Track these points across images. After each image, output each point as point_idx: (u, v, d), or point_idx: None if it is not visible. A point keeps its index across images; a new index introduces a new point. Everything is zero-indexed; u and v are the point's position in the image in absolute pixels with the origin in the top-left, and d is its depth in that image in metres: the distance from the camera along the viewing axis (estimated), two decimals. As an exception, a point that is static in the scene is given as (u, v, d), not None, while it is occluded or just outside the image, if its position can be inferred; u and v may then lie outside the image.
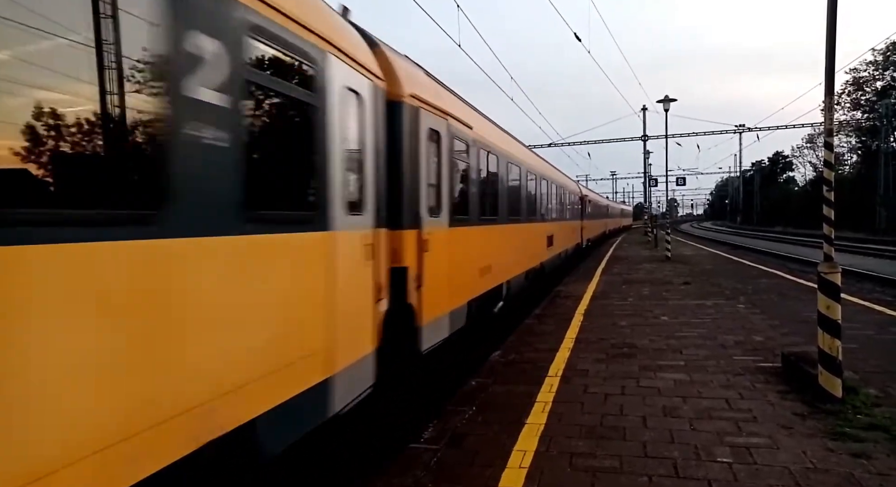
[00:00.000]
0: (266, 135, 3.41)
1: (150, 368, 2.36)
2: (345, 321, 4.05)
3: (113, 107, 2.30)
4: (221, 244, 2.80)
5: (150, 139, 2.51)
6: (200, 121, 2.65)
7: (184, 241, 2.55)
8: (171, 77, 2.51)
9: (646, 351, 7.21)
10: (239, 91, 2.95)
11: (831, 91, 5.37)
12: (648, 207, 46.52)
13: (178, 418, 2.47)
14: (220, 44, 2.81)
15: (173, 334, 2.48)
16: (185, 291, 2.55)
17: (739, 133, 66.09)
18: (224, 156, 2.82)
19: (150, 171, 2.47)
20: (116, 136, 2.36)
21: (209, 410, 2.66)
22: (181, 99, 2.56)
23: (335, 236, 3.92)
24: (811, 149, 77.32)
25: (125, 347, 2.24)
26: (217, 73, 2.80)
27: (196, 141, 2.63)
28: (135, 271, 2.29)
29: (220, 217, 2.79)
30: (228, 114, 2.84)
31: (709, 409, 5.01)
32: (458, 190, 7.21)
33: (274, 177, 3.50)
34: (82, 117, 2.23)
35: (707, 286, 13.67)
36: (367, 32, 5.32)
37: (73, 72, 2.23)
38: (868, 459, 3.93)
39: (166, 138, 2.49)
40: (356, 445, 5.10)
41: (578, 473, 3.85)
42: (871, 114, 55.54)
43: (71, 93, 2.26)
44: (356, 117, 4.42)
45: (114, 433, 2.17)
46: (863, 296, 11.48)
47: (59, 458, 1.97)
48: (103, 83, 2.26)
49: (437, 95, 6.53)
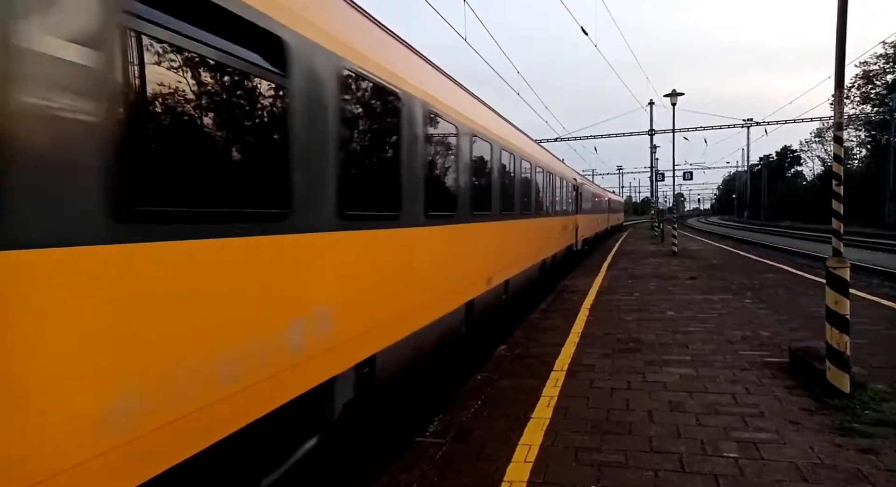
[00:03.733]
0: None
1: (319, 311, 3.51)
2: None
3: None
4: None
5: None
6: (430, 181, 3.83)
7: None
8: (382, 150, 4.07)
9: (652, 345, 7.19)
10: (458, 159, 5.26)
11: (841, 83, 5.31)
12: (655, 202, 46.33)
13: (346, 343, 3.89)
14: (408, 122, 4.96)
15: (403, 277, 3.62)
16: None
17: (747, 127, 65.55)
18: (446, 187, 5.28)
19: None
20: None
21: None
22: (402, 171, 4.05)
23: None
24: (819, 144, 76.75)
25: (308, 297, 3.39)
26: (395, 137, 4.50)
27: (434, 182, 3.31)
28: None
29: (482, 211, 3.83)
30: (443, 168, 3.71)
31: (715, 404, 4.99)
32: (580, 204, 18.97)
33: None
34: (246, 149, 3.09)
35: (714, 281, 13.60)
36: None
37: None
38: (876, 455, 3.91)
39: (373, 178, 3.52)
40: (363, 439, 5.12)
41: (584, 467, 3.85)
42: (881, 108, 55.01)
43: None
44: (573, 191, 18.38)
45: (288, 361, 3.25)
46: (871, 291, 11.40)
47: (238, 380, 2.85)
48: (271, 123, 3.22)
49: (581, 179, 20.09)
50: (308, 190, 3.50)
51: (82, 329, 2.09)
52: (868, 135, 59.85)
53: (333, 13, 4.05)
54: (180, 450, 2.51)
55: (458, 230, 6.72)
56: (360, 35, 4.37)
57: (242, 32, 2.98)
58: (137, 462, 2.29)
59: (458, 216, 6.68)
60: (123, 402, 2.23)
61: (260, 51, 3.08)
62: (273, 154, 3.25)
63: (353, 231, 4.03)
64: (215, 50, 2.79)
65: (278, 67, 3.23)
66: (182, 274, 2.53)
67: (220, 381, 2.73)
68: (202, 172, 2.76)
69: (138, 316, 2.31)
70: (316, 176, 3.60)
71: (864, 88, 58.11)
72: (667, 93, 26.59)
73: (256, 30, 3.06)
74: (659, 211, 42.97)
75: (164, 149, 2.55)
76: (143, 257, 2.34)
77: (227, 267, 2.82)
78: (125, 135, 2.26)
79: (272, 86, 3.22)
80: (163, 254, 2.43)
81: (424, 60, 6.05)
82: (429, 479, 3.75)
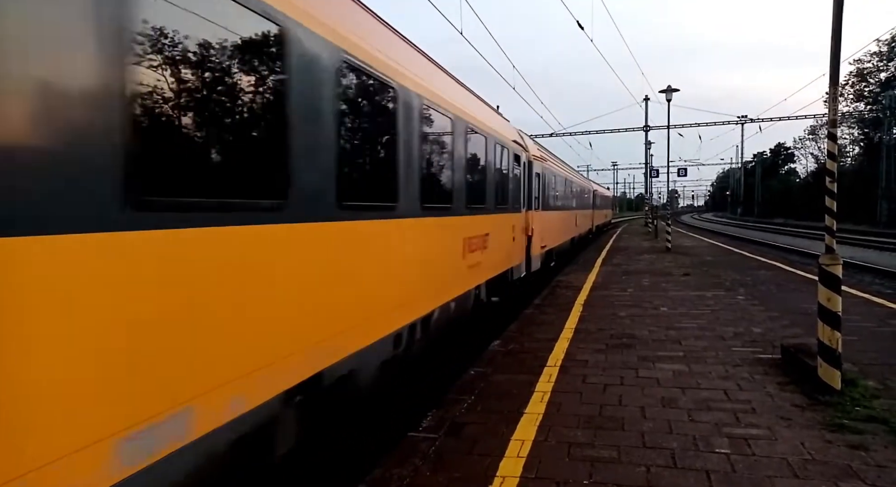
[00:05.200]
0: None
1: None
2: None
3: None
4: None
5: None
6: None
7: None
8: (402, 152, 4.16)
9: (645, 341, 7.21)
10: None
11: (836, 81, 5.31)
12: (650, 198, 46.46)
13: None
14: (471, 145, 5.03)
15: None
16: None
17: (742, 124, 65.77)
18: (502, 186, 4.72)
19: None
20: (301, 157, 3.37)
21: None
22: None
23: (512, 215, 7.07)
24: (813, 141, 77.15)
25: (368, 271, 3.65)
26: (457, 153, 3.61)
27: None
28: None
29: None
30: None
31: (707, 400, 5.01)
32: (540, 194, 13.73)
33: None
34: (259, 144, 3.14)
35: (707, 277, 13.66)
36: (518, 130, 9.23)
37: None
38: (866, 451, 3.93)
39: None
40: (356, 432, 5.10)
41: (576, 463, 3.85)
42: (875, 106, 55.26)
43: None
44: (516, 166, 11.13)
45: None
46: (863, 288, 11.48)
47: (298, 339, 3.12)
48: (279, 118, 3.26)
49: (540, 152, 14.77)
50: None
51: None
52: (861, 132, 60.14)
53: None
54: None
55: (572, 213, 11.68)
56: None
57: (245, 22, 2.97)
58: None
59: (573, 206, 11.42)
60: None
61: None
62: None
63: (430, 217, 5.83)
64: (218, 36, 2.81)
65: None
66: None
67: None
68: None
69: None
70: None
71: (858, 86, 58.36)
72: (662, 89, 26.59)
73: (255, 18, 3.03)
74: (653, 207, 43.08)
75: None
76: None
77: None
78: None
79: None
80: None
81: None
82: (421, 473, 3.75)
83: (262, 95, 3.23)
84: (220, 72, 2.89)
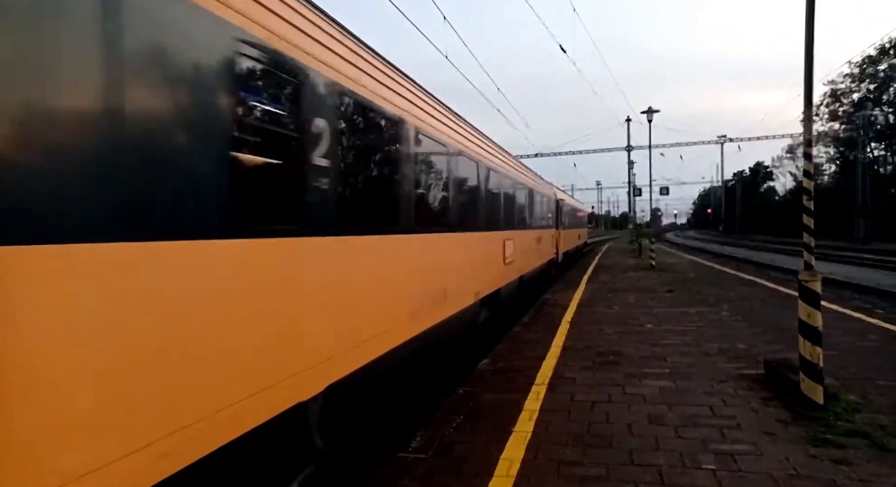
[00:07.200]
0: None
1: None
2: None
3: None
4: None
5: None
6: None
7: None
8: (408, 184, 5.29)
9: (631, 358, 7.25)
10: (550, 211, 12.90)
11: (810, 102, 5.48)
12: (633, 217, 47.01)
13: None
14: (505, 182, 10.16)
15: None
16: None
17: (721, 143, 67.12)
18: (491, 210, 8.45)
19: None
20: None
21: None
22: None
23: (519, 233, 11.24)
24: (791, 160, 78.82)
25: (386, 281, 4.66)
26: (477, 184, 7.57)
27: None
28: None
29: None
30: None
31: (693, 416, 5.05)
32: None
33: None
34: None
35: (690, 294, 13.81)
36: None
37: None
38: (849, 465, 3.99)
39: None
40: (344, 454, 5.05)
41: (565, 481, 3.86)
42: (849, 126, 56.77)
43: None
44: (554, 206, 20.01)
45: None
46: (842, 304, 11.66)
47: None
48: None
49: (564, 196, 24.42)
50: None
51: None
52: (837, 151, 61.64)
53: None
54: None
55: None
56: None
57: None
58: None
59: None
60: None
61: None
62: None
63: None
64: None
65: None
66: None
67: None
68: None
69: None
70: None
71: (833, 106, 59.98)
72: (643, 110, 27.12)
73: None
74: (638, 225, 43.60)
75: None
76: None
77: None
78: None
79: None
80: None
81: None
82: (410, 495, 3.72)
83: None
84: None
